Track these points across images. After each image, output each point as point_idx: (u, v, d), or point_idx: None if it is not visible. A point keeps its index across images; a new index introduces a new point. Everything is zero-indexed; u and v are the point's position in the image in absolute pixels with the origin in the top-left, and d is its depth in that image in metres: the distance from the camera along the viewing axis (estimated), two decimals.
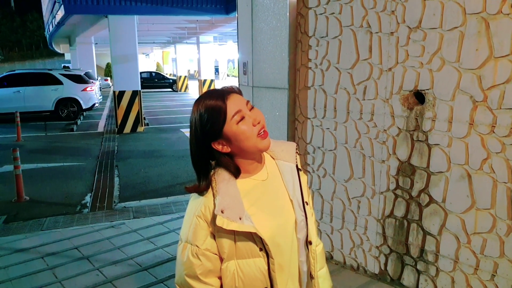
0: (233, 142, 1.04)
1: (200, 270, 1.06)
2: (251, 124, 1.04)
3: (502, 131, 2.03)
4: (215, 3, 9.75)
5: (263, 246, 1.06)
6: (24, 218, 4.38)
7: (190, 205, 1.12)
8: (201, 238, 1.06)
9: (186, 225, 1.10)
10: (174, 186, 5.52)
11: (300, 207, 1.15)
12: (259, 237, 1.04)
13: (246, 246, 1.06)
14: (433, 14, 2.22)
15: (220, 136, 1.04)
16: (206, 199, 1.06)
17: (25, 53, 61.76)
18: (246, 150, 1.06)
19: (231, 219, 1.02)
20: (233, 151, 1.06)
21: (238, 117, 1.03)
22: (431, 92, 2.30)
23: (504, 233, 2.10)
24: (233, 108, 1.03)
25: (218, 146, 1.05)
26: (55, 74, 12.43)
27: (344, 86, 2.77)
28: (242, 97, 1.08)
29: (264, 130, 1.06)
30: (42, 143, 8.87)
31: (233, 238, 1.05)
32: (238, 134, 1.03)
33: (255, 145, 1.05)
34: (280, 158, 1.18)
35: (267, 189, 1.12)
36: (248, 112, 1.05)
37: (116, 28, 9.45)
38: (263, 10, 3.13)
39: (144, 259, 3.33)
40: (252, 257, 1.06)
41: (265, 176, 1.13)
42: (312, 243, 1.17)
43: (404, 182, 2.52)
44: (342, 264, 3.02)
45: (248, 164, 1.10)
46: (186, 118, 12.36)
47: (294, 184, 1.16)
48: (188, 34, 17.33)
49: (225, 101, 1.03)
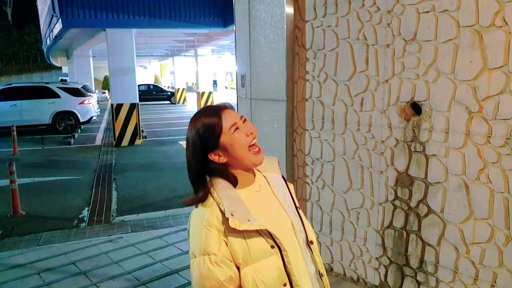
0: (229, 151, 1.12)
1: (223, 277, 1.06)
2: (245, 134, 1.13)
3: (498, 141, 2.05)
4: (213, 16, 9.87)
5: (274, 242, 1.10)
6: (20, 233, 4.34)
7: (194, 219, 1.12)
8: (216, 246, 1.07)
9: (195, 239, 1.09)
10: (173, 199, 5.49)
11: (294, 212, 1.23)
12: (268, 234, 1.10)
13: (258, 246, 1.09)
14: (428, 27, 2.26)
15: (217, 147, 1.12)
16: (211, 209, 1.10)
17: (22, 67, 61.90)
18: (240, 160, 1.13)
19: (241, 220, 1.07)
20: (229, 161, 1.14)
21: (233, 128, 1.12)
22: (428, 103, 2.32)
23: (502, 243, 2.10)
24: (229, 120, 1.13)
25: (215, 157, 1.12)
26: (52, 87, 12.44)
27: (342, 98, 2.79)
28: (235, 112, 1.18)
29: (258, 146, 1.16)
30: (39, 157, 8.84)
31: (245, 242, 1.08)
32: (234, 142, 1.11)
33: (249, 158, 1.13)
34: (267, 170, 1.27)
35: (262, 199, 1.19)
36: (242, 124, 1.15)
37: (114, 41, 9.51)
38: (260, 24, 3.17)
39: (142, 273, 3.30)
40: (266, 257, 1.10)
41: (258, 187, 1.20)
42: (314, 242, 1.24)
43: (402, 193, 2.52)
44: (342, 276, 3.00)
45: (243, 176, 1.17)
46: (184, 131, 12.35)
47: (284, 192, 1.25)
48: (186, 47, 17.46)
49: (220, 115, 1.13)
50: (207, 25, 10.06)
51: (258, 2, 3.16)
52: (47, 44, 17.04)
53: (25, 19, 64.64)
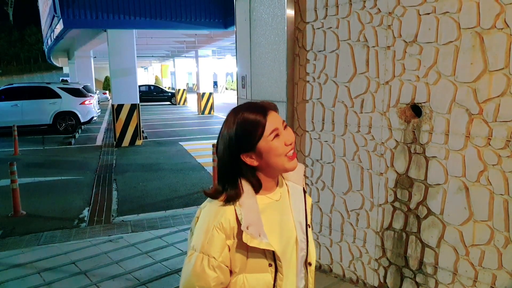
0: (263, 157, 1.07)
1: (214, 283, 1.06)
2: (284, 143, 1.07)
3: (498, 143, 2.06)
4: (214, 18, 9.88)
5: (274, 262, 1.09)
6: (20, 233, 4.35)
7: (206, 213, 1.09)
8: (219, 251, 1.06)
9: (200, 234, 1.07)
10: (173, 200, 5.50)
11: (303, 230, 1.19)
12: (271, 253, 1.08)
13: (257, 261, 1.08)
14: (429, 29, 2.27)
15: (253, 149, 1.06)
16: (227, 212, 1.06)
17: (23, 67, 61.98)
18: (273, 167, 1.09)
19: (253, 236, 1.05)
20: (260, 166, 1.09)
21: (274, 134, 1.06)
22: (428, 105, 2.33)
23: (502, 245, 2.10)
24: (272, 125, 1.06)
25: (247, 159, 1.07)
26: (53, 87, 12.45)
27: (342, 100, 2.80)
28: (278, 115, 1.11)
29: (294, 151, 1.10)
30: (40, 157, 8.85)
31: (246, 254, 1.07)
32: (271, 150, 1.06)
33: (283, 164, 1.08)
34: (291, 179, 1.21)
35: (278, 209, 1.15)
36: (283, 131, 1.09)
37: (115, 42, 9.53)
38: (261, 25, 3.18)
39: (142, 273, 3.30)
40: (261, 272, 1.09)
41: (278, 196, 1.16)
42: (312, 264, 1.23)
43: (402, 195, 2.53)
44: (341, 277, 3.00)
45: (268, 182, 1.12)
46: (185, 132, 12.39)
47: (300, 206, 1.20)
48: (186, 48, 17.47)
49: (265, 117, 1.06)
50: (207, 26, 10.08)
51: (258, 3, 3.17)
52: (48, 44, 17.08)
53: (26, 19, 64.74)
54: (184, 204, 5.30)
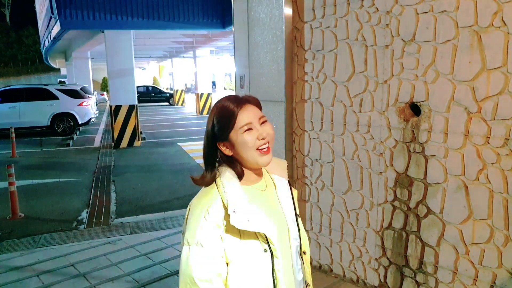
0: (235, 148, 1.11)
1: (212, 273, 1.06)
2: (256, 137, 1.10)
3: (497, 141, 2.05)
4: (212, 17, 9.87)
5: (268, 246, 1.10)
6: (19, 236, 4.33)
7: (196, 205, 1.12)
8: (212, 240, 1.07)
9: (193, 227, 1.09)
10: (172, 201, 5.49)
11: (293, 219, 1.22)
12: (264, 238, 1.09)
13: (251, 248, 1.09)
14: (427, 28, 2.27)
15: (226, 139, 1.11)
16: (213, 200, 1.09)
17: (20, 68, 61.80)
18: (245, 159, 1.12)
19: (242, 220, 1.06)
20: (235, 156, 1.13)
21: (245, 128, 1.09)
22: (427, 104, 2.32)
23: (501, 243, 2.10)
24: (244, 119, 1.09)
25: (223, 148, 1.13)
26: (51, 89, 12.42)
27: (341, 99, 2.79)
28: (257, 109, 1.14)
29: (268, 146, 1.12)
30: (38, 159, 8.82)
31: (239, 241, 1.08)
32: (241, 143, 1.09)
33: (254, 157, 1.11)
34: (275, 172, 1.26)
35: (266, 199, 1.18)
36: (257, 125, 1.11)
37: (112, 43, 9.51)
38: (259, 25, 3.17)
39: (141, 275, 3.29)
40: (257, 259, 1.10)
41: (264, 187, 1.19)
42: (306, 253, 1.26)
43: (402, 194, 2.52)
44: (341, 277, 3.00)
45: (249, 173, 1.16)
46: (183, 132, 12.37)
47: (287, 197, 1.24)
48: (184, 48, 17.46)
49: (238, 109, 1.10)
50: (205, 26, 10.07)
51: (256, 3, 3.17)
52: (46, 46, 17.01)
53: (23, 21, 64.56)
54: (183, 205, 5.29)
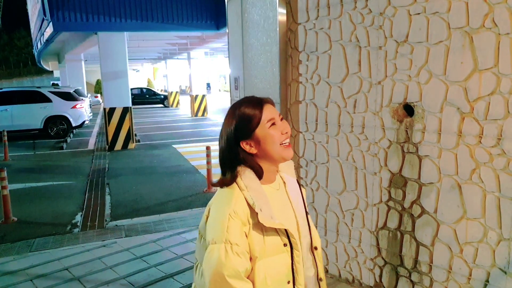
0: (261, 144, 1.16)
1: (242, 268, 1.09)
2: (280, 132, 1.17)
3: (489, 141, 2.08)
4: (206, 19, 9.86)
5: (288, 240, 1.16)
6: (12, 240, 4.29)
7: (218, 204, 1.16)
8: (240, 237, 1.10)
9: (218, 226, 1.11)
10: (167, 203, 5.47)
11: (303, 217, 1.28)
12: (284, 233, 1.16)
13: (273, 243, 1.15)
14: (419, 29, 2.29)
15: (251, 137, 1.16)
16: (238, 199, 1.13)
17: (12, 71, 61.29)
18: (270, 154, 1.17)
19: (267, 217, 1.12)
20: (258, 153, 1.17)
21: (270, 123, 1.17)
22: (420, 105, 2.34)
23: (494, 242, 2.12)
24: (268, 114, 1.17)
25: (246, 146, 1.17)
26: (43, 91, 12.33)
27: (335, 100, 2.81)
28: (275, 108, 1.22)
29: (289, 142, 1.20)
30: (31, 162, 8.75)
31: (262, 237, 1.13)
32: (267, 137, 1.16)
33: (279, 151, 1.17)
34: (285, 172, 1.31)
35: (280, 197, 1.25)
36: (279, 121, 1.20)
37: (106, 45, 9.47)
38: (253, 27, 3.18)
39: (137, 278, 3.28)
40: (278, 254, 1.16)
41: (278, 186, 1.26)
42: (318, 248, 1.31)
43: (396, 194, 2.54)
44: (337, 278, 3.01)
45: (268, 172, 1.21)
46: (178, 134, 12.34)
47: (297, 196, 1.30)
48: (179, 50, 17.42)
49: (262, 107, 1.17)
50: (199, 28, 10.06)
51: (250, 4, 3.17)
52: (38, 48, 16.90)
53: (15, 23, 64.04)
54: (178, 207, 5.27)
